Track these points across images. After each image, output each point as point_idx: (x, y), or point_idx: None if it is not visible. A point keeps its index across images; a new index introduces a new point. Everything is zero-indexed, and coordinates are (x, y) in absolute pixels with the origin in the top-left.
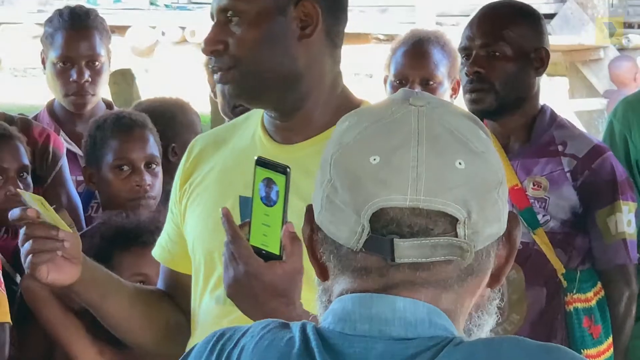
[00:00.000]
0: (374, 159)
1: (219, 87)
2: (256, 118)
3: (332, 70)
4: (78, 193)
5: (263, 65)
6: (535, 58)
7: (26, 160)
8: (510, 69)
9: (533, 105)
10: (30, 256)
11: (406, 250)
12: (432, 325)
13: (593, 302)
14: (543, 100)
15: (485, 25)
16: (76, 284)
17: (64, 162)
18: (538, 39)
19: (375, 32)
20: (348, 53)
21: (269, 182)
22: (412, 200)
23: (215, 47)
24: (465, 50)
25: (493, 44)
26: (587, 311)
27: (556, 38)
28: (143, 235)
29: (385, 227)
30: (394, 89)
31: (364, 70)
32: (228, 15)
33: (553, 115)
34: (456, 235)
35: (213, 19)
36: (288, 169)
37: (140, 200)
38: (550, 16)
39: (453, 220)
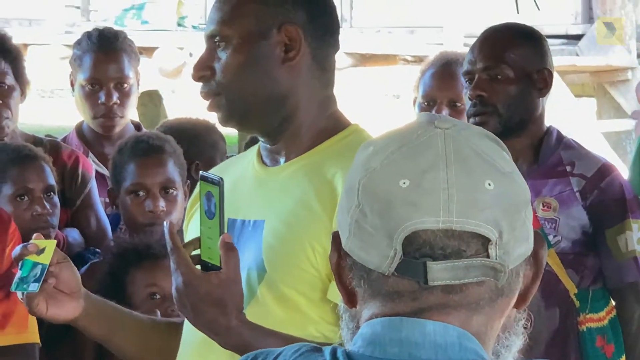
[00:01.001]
0: (404, 183)
1: None
2: (257, 146)
3: (321, 93)
4: (107, 215)
5: (247, 89)
6: (538, 79)
7: (52, 180)
8: (512, 91)
9: (538, 126)
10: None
11: (439, 272)
12: (463, 349)
13: (605, 321)
14: (571, 121)
15: (487, 48)
16: (80, 319)
17: (93, 184)
18: (540, 60)
19: (403, 53)
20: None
21: (209, 196)
22: (445, 222)
23: (202, 72)
24: (468, 75)
25: (494, 67)
26: (600, 330)
27: (584, 59)
28: (153, 249)
29: (418, 250)
30: (422, 110)
31: (392, 91)
32: (215, 41)
33: (559, 136)
34: (488, 256)
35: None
36: (221, 181)
37: (155, 226)
38: (578, 37)
39: (485, 241)
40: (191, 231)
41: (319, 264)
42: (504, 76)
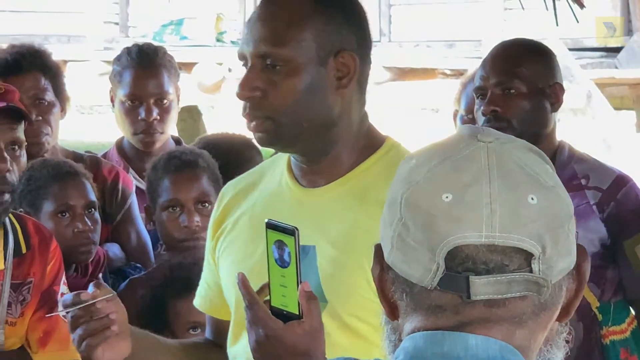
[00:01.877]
0: (447, 197)
1: None
2: (283, 161)
3: (360, 113)
4: (147, 231)
5: (302, 115)
6: (550, 94)
7: (93, 197)
8: (526, 106)
9: (551, 141)
10: (85, 341)
11: (482, 287)
12: None
13: (628, 333)
14: (611, 134)
15: (499, 63)
16: (128, 357)
17: (133, 199)
18: (551, 75)
19: (442, 67)
20: (415, 88)
21: (280, 244)
22: (488, 237)
23: (251, 93)
24: (480, 90)
25: (507, 81)
26: (623, 342)
27: (623, 72)
28: (194, 282)
29: (461, 265)
30: (465, 123)
31: (430, 105)
32: (267, 62)
33: (572, 150)
34: (531, 271)
35: (243, 60)
36: (296, 231)
37: (190, 241)
38: (617, 50)
39: (528, 256)
40: (230, 248)
41: None
42: (517, 91)
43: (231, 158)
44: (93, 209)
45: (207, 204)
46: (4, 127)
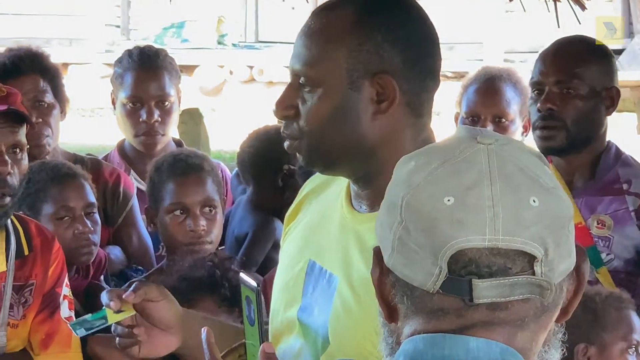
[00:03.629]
0: (448, 200)
1: None
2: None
3: (415, 139)
4: (149, 232)
5: (330, 140)
6: (606, 97)
7: (92, 198)
8: (582, 108)
9: (600, 142)
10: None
11: (485, 290)
12: None
13: None
14: (611, 136)
15: (560, 61)
16: (181, 349)
17: (135, 202)
18: (610, 78)
19: (442, 69)
20: None
21: (248, 300)
22: (491, 240)
23: (286, 112)
24: (538, 85)
25: (567, 81)
26: None
27: (624, 74)
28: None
29: (464, 268)
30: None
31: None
32: (300, 81)
33: (618, 153)
34: (534, 273)
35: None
36: (258, 287)
37: (195, 245)
38: (618, 52)
39: (531, 259)
40: (285, 251)
41: None
42: (575, 91)
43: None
44: (93, 211)
45: (211, 209)
46: (5, 130)
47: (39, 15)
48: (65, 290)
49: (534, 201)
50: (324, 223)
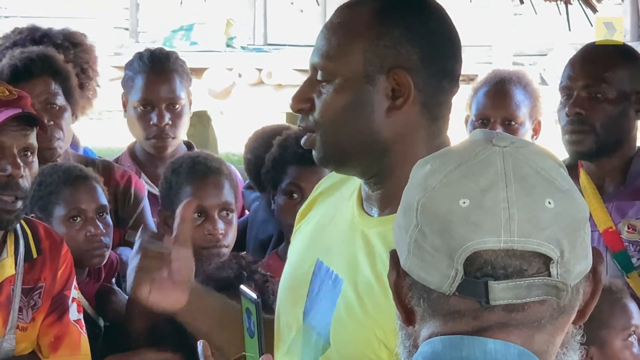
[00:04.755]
0: (464, 202)
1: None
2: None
3: (429, 142)
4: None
5: (344, 134)
6: (636, 100)
7: (104, 200)
8: (611, 112)
9: (631, 147)
10: (134, 273)
11: (501, 292)
12: None
13: None
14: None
15: (588, 66)
16: (182, 312)
17: (146, 204)
18: (639, 82)
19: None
20: None
21: (248, 312)
22: (507, 241)
23: (301, 105)
24: (567, 90)
25: (595, 85)
26: None
27: None
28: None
29: (480, 270)
30: (475, 128)
31: None
32: (318, 74)
33: None
34: (549, 275)
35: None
36: (258, 300)
37: (212, 249)
38: None
39: (547, 260)
40: (294, 248)
41: (384, 357)
42: (604, 95)
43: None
44: (104, 213)
45: (228, 212)
46: (18, 133)
47: (47, 17)
48: (74, 292)
49: (549, 203)
50: (334, 223)
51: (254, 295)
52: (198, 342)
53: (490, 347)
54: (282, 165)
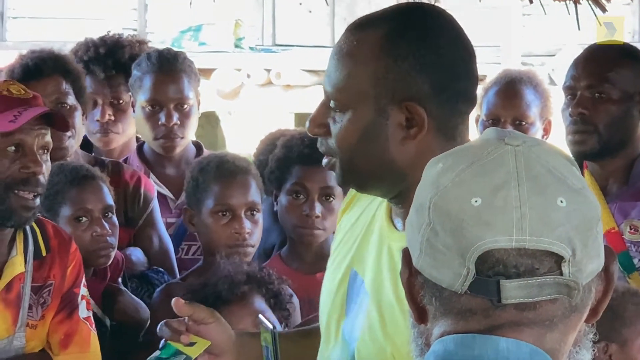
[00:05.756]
0: (476, 201)
1: None
2: None
3: None
4: (169, 234)
5: (360, 162)
6: (639, 101)
7: (111, 200)
8: (614, 112)
9: (635, 147)
10: None
11: (513, 290)
12: None
13: None
14: None
15: (591, 66)
16: None
17: (155, 204)
18: None
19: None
20: None
21: (266, 343)
22: (518, 240)
23: (317, 130)
24: (570, 90)
25: (598, 85)
26: None
27: None
28: (222, 295)
29: (491, 269)
30: (486, 128)
31: None
32: (330, 103)
33: None
34: (561, 274)
35: None
36: (274, 329)
37: (238, 247)
38: None
39: (558, 259)
40: (336, 243)
41: None
42: (607, 95)
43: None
44: (110, 213)
45: (255, 212)
46: (40, 132)
47: (55, 18)
48: (83, 290)
49: (561, 202)
50: (367, 232)
51: (269, 325)
52: None
53: (502, 346)
54: (287, 165)
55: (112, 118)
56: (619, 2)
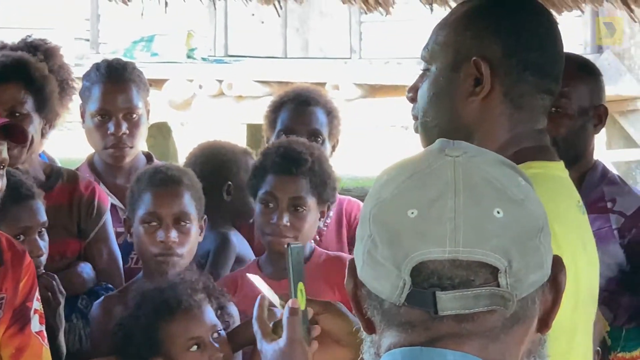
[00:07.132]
0: (412, 213)
1: None
2: None
3: (508, 131)
4: (118, 244)
5: (433, 120)
6: (594, 115)
7: (44, 217)
8: (570, 126)
9: (588, 160)
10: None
11: (448, 302)
12: None
13: None
14: None
15: None
16: None
17: (108, 216)
18: (598, 97)
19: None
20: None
21: (287, 258)
22: (451, 252)
23: (409, 94)
24: None
25: (555, 100)
26: None
27: None
28: (184, 302)
29: (427, 280)
30: None
31: (400, 122)
32: (422, 65)
33: (604, 171)
34: (498, 285)
35: None
36: (288, 246)
37: (165, 256)
38: None
39: (494, 270)
40: None
41: None
42: (564, 110)
43: (228, 165)
44: (43, 229)
45: (184, 222)
46: None
47: (7, 28)
48: (36, 304)
49: (498, 212)
50: None
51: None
52: (258, 298)
53: (449, 358)
54: (262, 174)
55: None
56: (570, 14)
